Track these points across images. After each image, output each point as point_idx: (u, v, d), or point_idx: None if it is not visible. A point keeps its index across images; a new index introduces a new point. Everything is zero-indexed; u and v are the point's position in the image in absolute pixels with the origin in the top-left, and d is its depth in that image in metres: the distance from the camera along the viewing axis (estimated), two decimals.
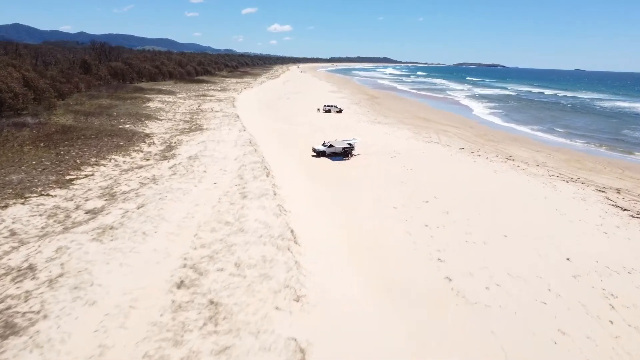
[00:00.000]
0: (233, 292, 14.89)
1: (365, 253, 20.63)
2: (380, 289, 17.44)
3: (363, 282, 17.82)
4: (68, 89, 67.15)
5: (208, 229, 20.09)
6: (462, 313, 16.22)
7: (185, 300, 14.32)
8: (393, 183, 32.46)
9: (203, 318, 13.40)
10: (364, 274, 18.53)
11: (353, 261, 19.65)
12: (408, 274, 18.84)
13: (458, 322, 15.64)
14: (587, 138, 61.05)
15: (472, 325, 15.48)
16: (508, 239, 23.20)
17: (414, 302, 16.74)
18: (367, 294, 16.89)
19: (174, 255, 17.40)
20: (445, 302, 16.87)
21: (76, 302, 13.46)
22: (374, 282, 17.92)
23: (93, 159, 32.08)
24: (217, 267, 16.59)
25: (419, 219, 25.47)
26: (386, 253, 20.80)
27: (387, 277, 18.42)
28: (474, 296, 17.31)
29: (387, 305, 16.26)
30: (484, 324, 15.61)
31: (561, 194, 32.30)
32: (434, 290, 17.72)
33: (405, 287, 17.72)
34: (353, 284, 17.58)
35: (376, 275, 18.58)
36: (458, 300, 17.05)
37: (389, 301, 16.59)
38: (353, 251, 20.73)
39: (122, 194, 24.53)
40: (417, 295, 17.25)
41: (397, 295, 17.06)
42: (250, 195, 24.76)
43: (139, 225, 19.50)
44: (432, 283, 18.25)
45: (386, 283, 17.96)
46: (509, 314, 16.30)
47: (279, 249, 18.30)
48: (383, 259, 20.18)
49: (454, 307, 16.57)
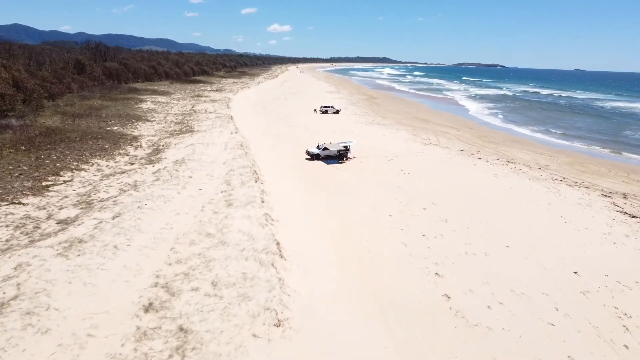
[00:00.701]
0: (206, 317, 13.37)
1: (357, 268, 19.11)
2: (373, 310, 15.91)
3: (354, 302, 16.29)
4: (59, 89, 65.55)
5: (187, 241, 18.56)
6: (461, 336, 14.70)
7: (152, 326, 12.78)
8: (389, 188, 30.95)
9: (169, 349, 11.87)
10: (355, 293, 17.00)
11: (344, 278, 18.13)
12: (403, 291, 17.32)
13: (457, 346, 14.13)
14: (589, 140, 59.59)
15: (473, 351, 13.96)
16: (510, 250, 21.69)
17: (410, 324, 15.21)
18: (358, 316, 15.36)
19: (146, 272, 15.87)
20: (443, 324, 15.35)
21: (26, 331, 11.93)
22: (366, 302, 16.39)
23: (74, 164, 30.55)
24: (192, 286, 15.07)
25: (416, 227, 23.96)
26: (380, 267, 19.28)
27: (380, 296, 16.89)
28: (474, 317, 15.79)
29: (380, 330, 14.74)
30: (486, 348, 14.10)
31: (565, 199, 30.78)
32: (431, 309, 16.19)
33: (400, 307, 16.20)
34: (343, 304, 16.06)
35: (369, 293, 17.06)
36: (457, 321, 15.53)
37: (382, 324, 15.07)
38: (344, 266, 19.21)
39: (99, 202, 23.01)
40: (412, 316, 15.72)
41: (391, 318, 15.53)
42: (236, 203, 23.24)
43: (111, 238, 17.97)
44: (429, 301, 16.72)
45: (379, 302, 16.44)
46: (513, 337, 14.78)
47: (262, 264, 16.78)
48: (377, 274, 18.66)
49: (452, 330, 15.06)
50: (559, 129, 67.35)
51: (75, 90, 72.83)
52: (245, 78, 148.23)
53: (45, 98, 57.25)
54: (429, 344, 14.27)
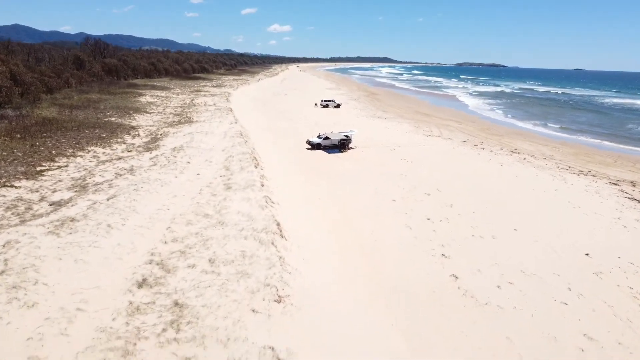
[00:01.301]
0: (203, 292, 12.67)
1: (360, 249, 18.41)
2: (378, 289, 15.22)
3: (358, 282, 15.60)
4: (57, 83, 64.80)
5: (183, 221, 17.87)
6: (471, 316, 13.99)
7: (146, 301, 12.09)
8: (392, 176, 30.25)
9: (163, 323, 11.17)
10: (359, 272, 16.31)
11: (347, 258, 17.43)
12: (409, 272, 16.61)
13: (467, 326, 13.42)
14: (591, 133, 58.66)
15: (483, 330, 13.26)
16: (519, 233, 20.98)
17: (416, 303, 14.51)
18: (362, 297, 14.65)
19: (140, 250, 15.18)
20: (451, 304, 14.64)
21: (11, 305, 11.24)
22: (370, 281, 15.69)
23: (70, 150, 29.86)
24: (188, 263, 14.37)
25: (420, 212, 23.26)
26: (384, 249, 18.58)
27: (385, 276, 16.19)
28: (484, 296, 15.08)
29: (385, 309, 14.04)
30: (497, 328, 13.39)
31: (572, 186, 30.08)
32: (438, 289, 15.49)
33: (406, 287, 15.49)
34: (346, 284, 15.36)
35: (373, 273, 16.36)
36: (466, 301, 14.82)
37: (387, 303, 14.36)
38: (347, 247, 18.52)
39: (94, 185, 22.32)
40: (419, 295, 15.02)
41: (397, 297, 14.83)
42: (235, 186, 22.54)
43: (105, 218, 17.28)
44: (435, 281, 16.02)
45: (384, 282, 15.73)
46: (525, 316, 14.07)
47: (262, 243, 16.08)
48: (381, 255, 17.96)
49: (461, 309, 14.35)
50: (561, 124, 66.51)
51: (73, 85, 72.11)
52: (246, 75, 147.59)
53: (43, 92, 56.61)
54: (436, 324, 13.56)
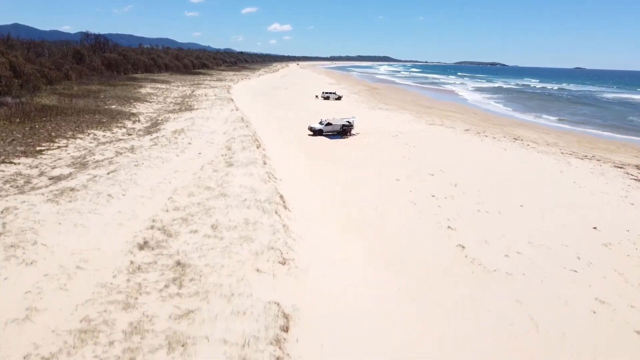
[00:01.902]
0: (206, 254, 12.38)
1: (365, 221, 18.12)
2: (383, 257, 14.92)
3: (363, 250, 15.29)
4: (57, 75, 64.45)
5: (185, 193, 17.57)
6: (479, 282, 13.70)
7: (147, 261, 11.80)
8: (395, 159, 29.95)
9: (165, 280, 10.88)
10: (362, 241, 16.01)
11: (350, 229, 17.13)
12: (415, 242, 16.32)
13: (475, 290, 13.13)
14: (593, 125, 58.05)
15: (492, 293, 12.96)
16: (525, 209, 20.67)
17: (424, 270, 14.21)
18: (367, 261, 14.37)
19: (142, 217, 14.89)
20: (459, 271, 14.35)
21: (9, 262, 10.94)
22: (375, 250, 15.40)
23: (70, 133, 29.57)
24: (191, 229, 14.09)
25: (425, 190, 22.96)
26: (389, 222, 18.28)
27: (390, 245, 15.89)
28: (492, 264, 14.78)
29: (392, 275, 13.73)
30: (506, 292, 13.09)
31: (577, 169, 29.76)
32: (445, 258, 15.20)
33: (412, 255, 15.21)
34: (351, 251, 15.06)
35: (378, 243, 16.06)
36: (474, 268, 14.53)
37: (394, 270, 14.06)
38: (352, 219, 18.21)
39: (94, 163, 22.03)
40: (426, 263, 14.73)
41: (403, 264, 14.54)
42: (237, 163, 22.25)
43: (105, 188, 16.98)
44: (443, 251, 15.73)
45: (390, 251, 15.44)
46: (534, 282, 13.78)
47: (265, 212, 15.78)
48: (386, 227, 17.66)
49: (469, 276, 14.05)
50: (561, 116, 65.94)
51: (73, 78, 71.72)
52: (246, 71, 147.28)
53: (43, 83, 56.28)
54: (445, 289, 13.26)
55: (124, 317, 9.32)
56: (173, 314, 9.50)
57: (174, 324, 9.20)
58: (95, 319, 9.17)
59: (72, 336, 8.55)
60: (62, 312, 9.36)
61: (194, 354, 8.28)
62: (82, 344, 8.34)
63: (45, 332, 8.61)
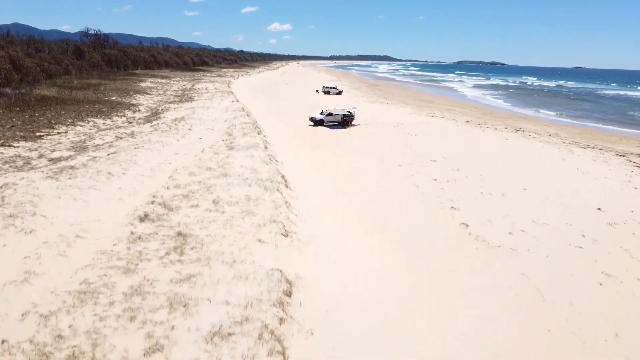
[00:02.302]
0: (207, 226, 12.22)
1: (368, 202, 17.96)
2: (386, 233, 14.76)
3: (366, 227, 15.14)
4: (57, 69, 64.28)
5: (186, 172, 17.42)
6: (483, 256, 13.54)
7: (148, 232, 11.65)
8: (397, 147, 29.79)
9: (166, 248, 10.72)
10: (366, 220, 15.85)
11: (354, 208, 16.98)
12: (418, 221, 16.17)
13: (480, 264, 12.97)
14: (594, 119, 57.68)
15: (497, 267, 12.81)
16: (528, 192, 20.52)
17: (427, 245, 14.06)
18: (372, 237, 14.20)
19: (142, 193, 14.73)
20: (463, 246, 14.19)
21: (7, 230, 10.78)
22: (378, 227, 15.24)
23: (70, 120, 29.41)
24: (192, 204, 13.93)
25: (427, 174, 22.81)
26: (392, 202, 18.12)
27: (393, 223, 15.73)
28: (496, 240, 14.64)
29: (395, 249, 13.57)
30: (511, 266, 12.94)
31: (580, 157, 29.61)
32: (448, 234, 15.04)
33: (415, 232, 15.05)
34: (354, 228, 14.90)
35: (381, 220, 15.91)
36: (478, 244, 14.37)
37: (397, 245, 13.90)
38: (354, 200, 18.06)
39: (94, 147, 21.87)
40: (430, 239, 14.58)
41: (407, 240, 14.37)
42: (238, 147, 22.09)
43: (105, 167, 16.82)
44: (446, 228, 15.57)
45: (393, 228, 15.28)
46: (540, 257, 13.62)
47: (267, 189, 15.62)
48: (388, 207, 17.50)
49: (474, 251, 13.90)
50: (561, 111, 65.59)
51: (73, 73, 71.52)
52: (246, 68, 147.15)
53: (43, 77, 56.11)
54: (449, 262, 13.10)
55: (124, 280, 9.16)
56: (174, 278, 9.34)
57: (175, 287, 9.04)
58: (95, 282, 9.02)
59: (72, 296, 8.39)
60: (62, 275, 9.20)
61: (195, 314, 8.12)
62: (81, 304, 8.19)
63: (44, 293, 8.46)
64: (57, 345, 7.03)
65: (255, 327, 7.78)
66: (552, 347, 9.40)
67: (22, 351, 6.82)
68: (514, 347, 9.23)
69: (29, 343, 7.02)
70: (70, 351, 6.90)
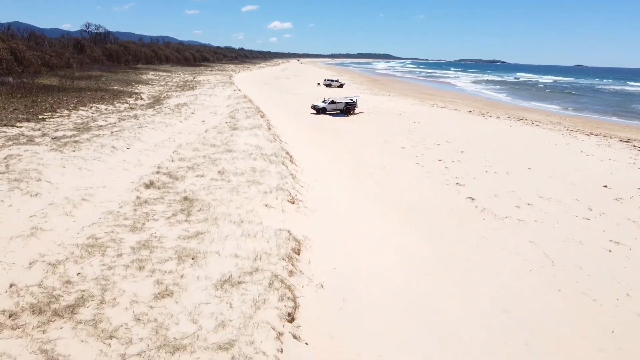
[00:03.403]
0: (213, 192, 12.14)
1: (373, 177, 17.88)
2: (392, 204, 14.67)
3: (372, 198, 15.05)
4: (58, 62, 64.13)
5: (190, 148, 17.33)
6: (491, 226, 13.46)
7: (154, 197, 11.56)
8: (400, 132, 29.69)
9: (173, 210, 10.65)
10: (372, 193, 15.77)
11: (359, 182, 16.90)
12: (424, 195, 16.08)
13: (488, 233, 12.89)
14: (596, 111, 57.31)
15: (504, 236, 12.72)
16: (533, 171, 20.44)
17: (433, 215, 13.98)
18: (378, 210, 14.10)
19: (147, 165, 14.66)
20: (470, 218, 14.10)
21: (13, 192, 10.69)
22: (384, 199, 15.16)
23: (72, 105, 29.29)
24: (197, 174, 13.84)
25: (431, 156, 22.73)
26: (396, 180, 18.02)
27: (399, 196, 15.65)
28: (503, 213, 14.55)
29: (402, 218, 13.49)
30: (519, 235, 12.85)
31: (583, 142, 29.50)
32: (454, 207, 14.95)
33: (421, 205, 14.96)
34: (360, 199, 14.82)
35: (386, 193, 15.83)
36: (485, 215, 14.29)
37: (404, 216, 13.81)
38: (359, 175, 17.98)
39: (97, 127, 21.77)
40: (436, 210, 14.49)
41: (413, 210, 14.29)
42: (242, 128, 22.00)
43: (109, 141, 16.74)
44: (452, 202, 15.48)
45: (398, 200, 15.19)
46: (547, 227, 13.54)
47: (272, 162, 15.54)
48: (393, 183, 17.42)
49: (480, 222, 13.81)
50: (563, 104, 65.25)
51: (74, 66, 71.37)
52: (247, 64, 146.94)
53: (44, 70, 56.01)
54: (456, 231, 13.02)
55: (131, 237, 9.08)
56: (182, 235, 9.27)
57: (183, 242, 8.97)
58: (102, 237, 8.94)
59: (79, 249, 8.32)
60: (69, 232, 9.12)
61: (205, 265, 8.04)
62: (89, 255, 8.11)
63: (52, 246, 8.38)
64: (66, 289, 6.95)
65: (265, 277, 7.70)
66: (563, 306, 9.31)
67: (30, 293, 6.75)
68: (525, 305, 9.15)
69: (38, 287, 6.95)
70: (80, 294, 6.83)
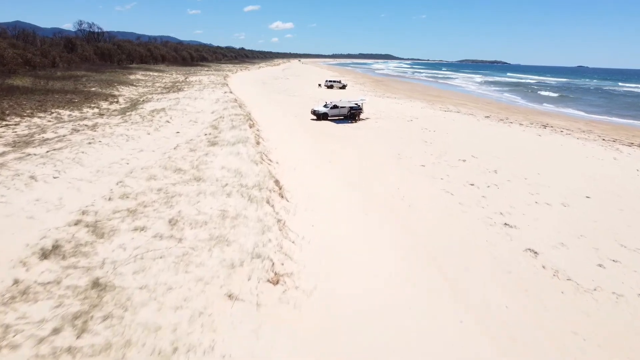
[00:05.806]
0: (147, 266, 7.59)
1: (390, 215, 13.30)
2: (422, 263, 10.10)
3: (392, 254, 10.48)
4: (41, 61, 59.78)
5: (144, 176, 12.76)
6: (576, 303, 8.90)
7: (44, 280, 7.01)
8: (414, 143, 25.14)
9: (60, 318, 6.07)
10: (393, 243, 11.20)
11: (373, 225, 12.31)
12: (462, 245, 11.50)
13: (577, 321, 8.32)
14: (617, 115, 52.20)
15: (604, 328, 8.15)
16: (595, 202, 15.85)
17: (483, 283, 9.40)
18: (404, 270, 9.54)
19: (69, 207, 10.10)
20: (539, 286, 9.55)
21: None
22: (410, 252, 10.59)
23: (29, 111, 24.80)
24: (137, 225, 9.29)
25: (459, 177, 18.17)
26: (421, 216, 13.46)
27: (430, 248, 11.07)
28: (585, 277, 9.97)
29: (441, 291, 8.93)
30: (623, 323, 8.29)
31: (631, 156, 24.89)
32: (512, 268, 10.37)
33: (461, 262, 10.39)
34: (377, 256, 10.24)
35: (412, 242, 11.25)
36: (561, 284, 9.70)
37: (440, 283, 9.24)
38: (371, 209, 13.41)
39: (41, 141, 17.24)
40: (484, 274, 9.92)
41: (453, 276, 9.72)
42: (222, 143, 17.44)
43: (30, 168, 12.20)
44: (504, 257, 10.91)
45: (428, 253, 10.62)
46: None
47: (252, 201, 10.96)
48: (418, 224, 12.83)
49: (558, 296, 9.26)
50: (578, 106, 60.33)
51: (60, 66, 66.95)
52: (246, 64, 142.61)
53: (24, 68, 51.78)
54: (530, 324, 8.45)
55: None
56: None
57: None
58: None
59: None
60: None
61: None
62: None
63: None
64: None
65: None
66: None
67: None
68: None
69: None
70: None
